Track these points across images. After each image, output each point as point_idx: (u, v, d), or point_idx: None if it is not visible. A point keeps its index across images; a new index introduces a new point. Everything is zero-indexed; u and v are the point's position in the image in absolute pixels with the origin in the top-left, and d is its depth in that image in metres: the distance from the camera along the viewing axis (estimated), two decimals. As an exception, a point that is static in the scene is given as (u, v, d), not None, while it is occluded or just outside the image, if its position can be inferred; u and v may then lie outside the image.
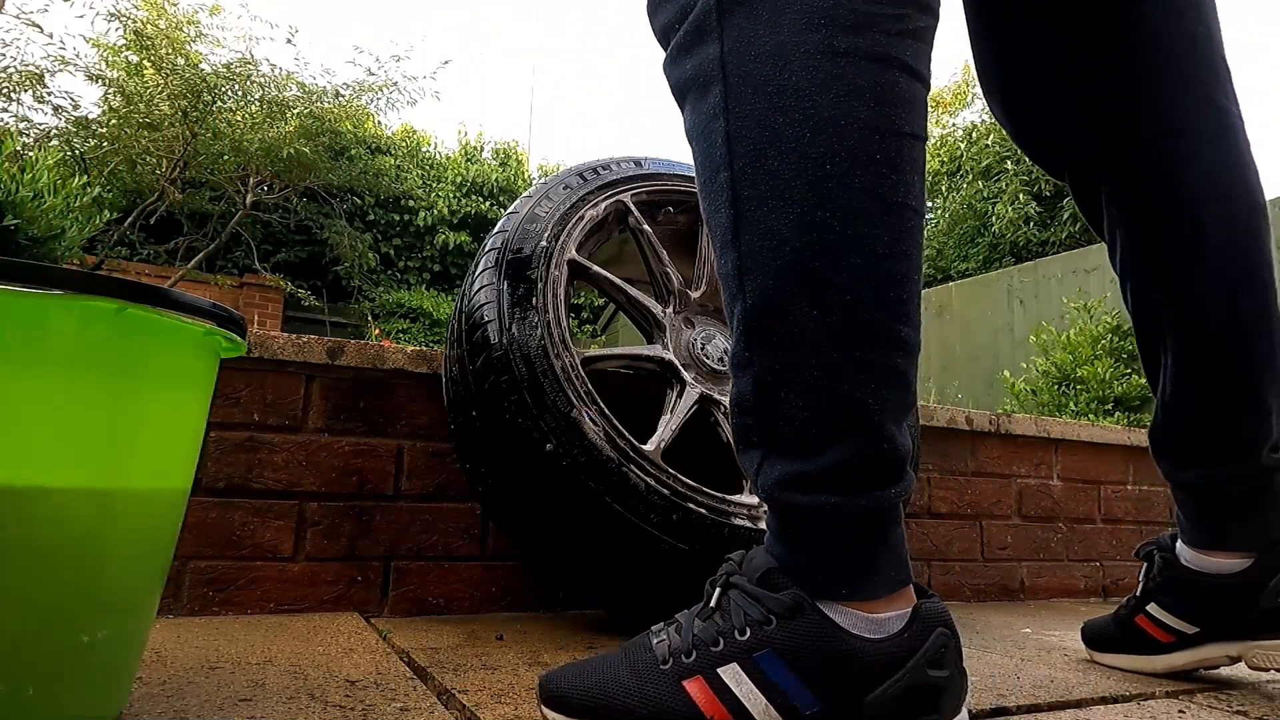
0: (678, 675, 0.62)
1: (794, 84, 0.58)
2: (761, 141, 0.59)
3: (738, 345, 0.63)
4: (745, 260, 0.60)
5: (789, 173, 0.58)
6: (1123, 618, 1.03)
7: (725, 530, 1.02)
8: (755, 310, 0.61)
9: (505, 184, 9.62)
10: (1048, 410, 4.22)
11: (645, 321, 1.23)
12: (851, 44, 0.58)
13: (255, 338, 1.17)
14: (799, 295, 0.59)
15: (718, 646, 0.62)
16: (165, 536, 0.64)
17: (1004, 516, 1.78)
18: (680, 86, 0.65)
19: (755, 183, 0.60)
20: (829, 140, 0.58)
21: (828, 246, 0.58)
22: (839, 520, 0.61)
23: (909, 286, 0.61)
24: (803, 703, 0.59)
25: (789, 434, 0.61)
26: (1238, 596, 0.91)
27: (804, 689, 0.59)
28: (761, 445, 0.63)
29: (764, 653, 0.60)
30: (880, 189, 0.59)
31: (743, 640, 0.61)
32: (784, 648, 0.60)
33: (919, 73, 0.62)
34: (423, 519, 1.25)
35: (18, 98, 6.05)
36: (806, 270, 0.58)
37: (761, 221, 0.59)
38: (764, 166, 0.59)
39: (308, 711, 0.68)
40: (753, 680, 0.60)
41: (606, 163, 1.28)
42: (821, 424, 0.60)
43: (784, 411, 0.61)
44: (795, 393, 0.60)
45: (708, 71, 0.61)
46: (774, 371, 0.60)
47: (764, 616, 0.61)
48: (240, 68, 6.52)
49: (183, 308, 0.59)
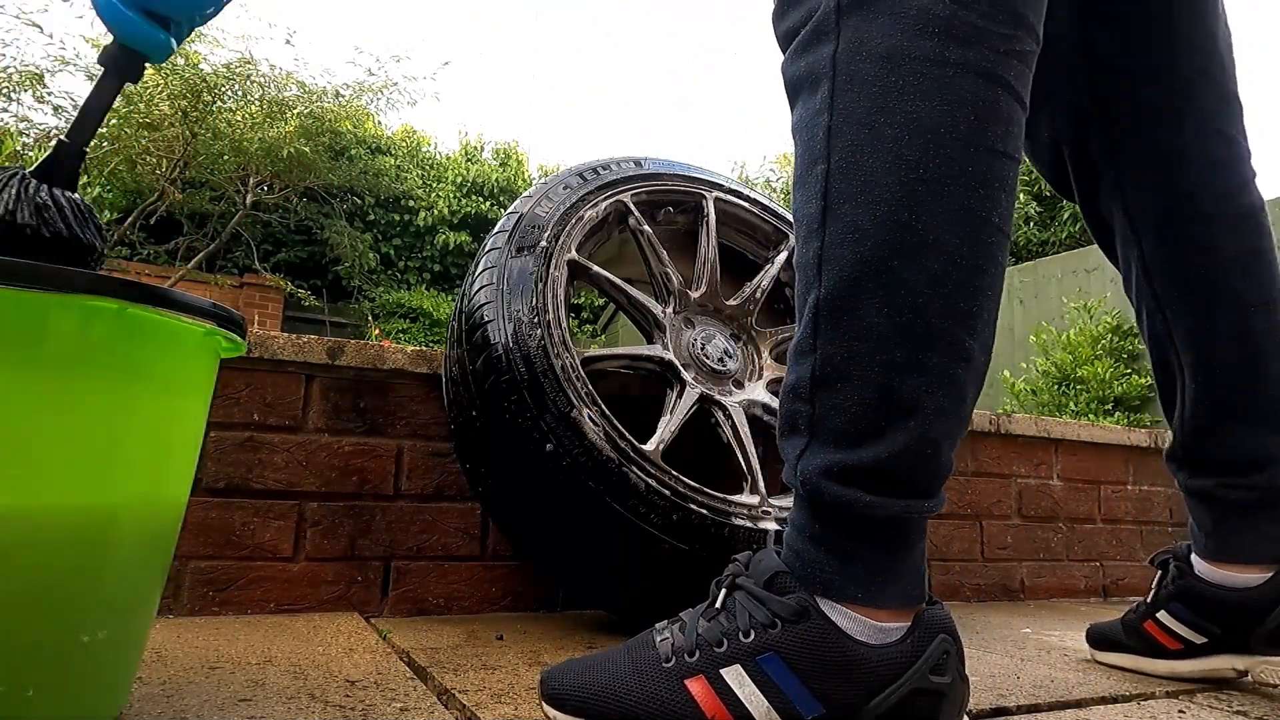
0: (680, 674, 0.63)
1: (900, 87, 0.59)
2: (860, 139, 0.60)
3: (804, 333, 0.64)
4: (827, 250, 0.61)
5: (882, 171, 0.59)
6: (1131, 622, 1.03)
7: (725, 530, 1.02)
8: (828, 299, 0.61)
9: (505, 184, 9.63)
10: (1048, 410, 4.22)
11: (645, 321, 1.23)
12: (962, 56, 0.59)
13: (255, 338, 1.17)
14: (873, 290, 0.60)
15: (722, 647, 0.62)
16: (165, 536, 0.64)
17: (1004, 516, 1.78)
18: (793, 84, 0.67)
19: (848, 177, 0.61)
20: (926, 146, 0.59)
21: (908, 247, 0.59)
22: (868, 519, 0.61)
23: (981, 301, 0.61)
24: (805, 708, 0.60)
25: (838, 425, 0.62)
26: (1250, 611, 0.91)
27: (806, 694, 0.59)
28: (808, 433, 0.63)
29: (768, 655, 0.61)
30: (968, 201, 0.60)
31: (747, 642, 0.61)
32: (788, 652, 0.60)
33: (1020, 95, 0.63)
34: (423, 519, 1.25)
35: (18, 98, 6.05)
36: (884, 267, 0.59)
37: (848, 215, 0.60)
38: (859, 163, 0.60)
39: (308, 711, 0.68)
40: (755, 683, 0.61)
41: (606, 163, 1.28)
42: (872, 418, 0.60)
43: (838, 401, 0.61)
44: (853, 385, 0.61)
45: (819, 69, 0.63)
46: (835, 361, 0.61)
47: (769, 619, 0.61)
48: (240, 67, 6.52)
49: (183, 308, 0.59)
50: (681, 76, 70.51)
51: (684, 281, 1.27)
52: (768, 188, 11.47)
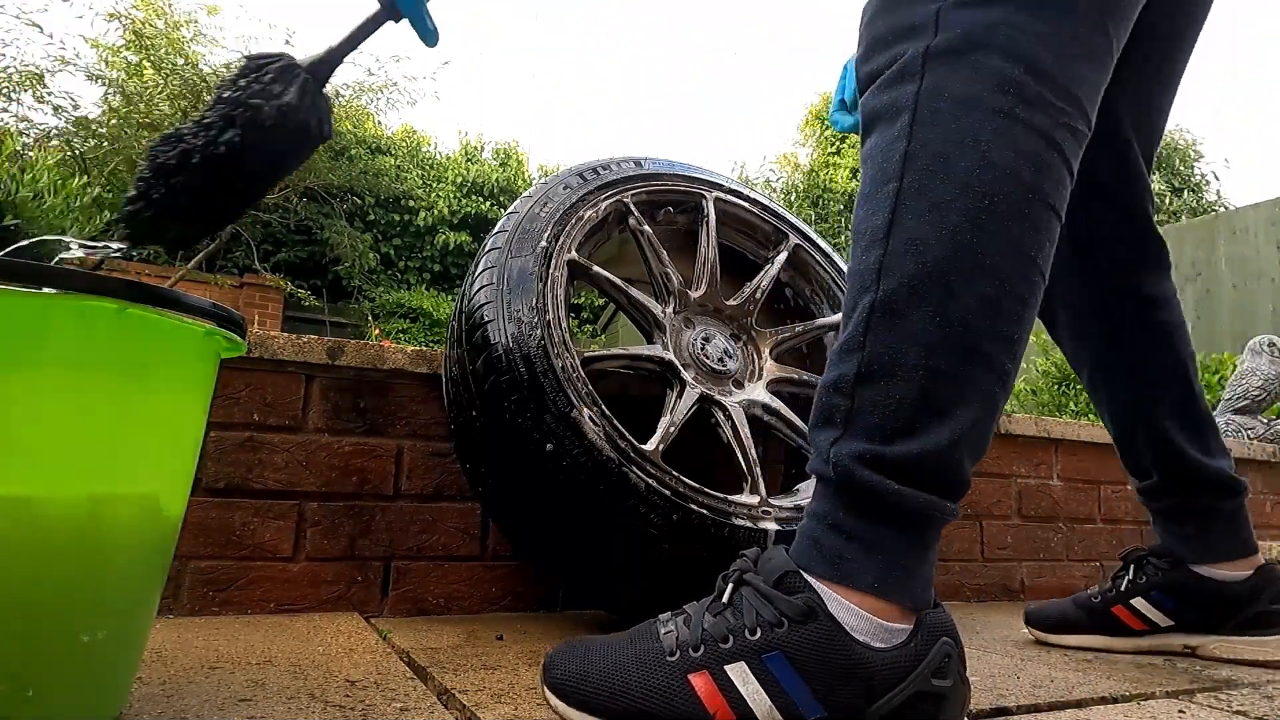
0: (684, 668, 0.63)
1: (974, 128, 0.66)
2: (934, 165, 0.67)
3: (852, 333, 0.68)
4: (889, 259, 0.66)
5: (950, 195, 0.65)
6: (1094, 606, 1.18)
7: (725, 530, 1.02)
8: (884, 302, 0.66)
9: (505, 184, 9.62)
10: (1048, 410, 4.22)
11: (645, 321, 1.22)
12: (1029, 115, 0.67)
13: (255, 338, 1.17)
14: (928, 299, 0.65)
15: (727, 643, 0.63)
16: (165, 537, 0.64)
17: (1004, 516, 1.78)
18: (872, 115, 0.73)
19: (918, 197, 0.66)
20: (994, 182, 0.65)
21: (966, 266, 0.65)
22: (895, 507, 0.64)
23: (1020, 330, 0.67)
24: (807, 709, 0.60)
25: (874, 420, 0.65)
26: (1230, 600, 1.10)
27: (809, 695, 0.60)
28: (843, 425, 0.67)
29: (773, 655, 0.61)
30: (1023, 240, 0.66)
31: (753, 640, 0.62)
32: (793, 652, 0.61)
33: (1070, 164, 0.70)
34: (423, 519, 1.25)
35: (18, 98, 6.05)
36: (941, 280, 0.64)
37: (914, 230, 0.66)
38: (929, 186, 0.66)
39: (308, 711, 0.68)
40: (759, 681, 0.61)
41: (606, 163, 1.28)
42: (908, 417, 0.64)
43: (878, 397, 0.65)
44: (895, 382, 0.65)
45: (901, 103, 0.69)
46: (882, 359, 0.65)
47: (776, 618, 0.62)
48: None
49: (183, 308, 0.59)
50: (681, 76, 70.52)
51: (684, 281, 1.27)
52: (768, 188, 11.48)
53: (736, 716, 0.61)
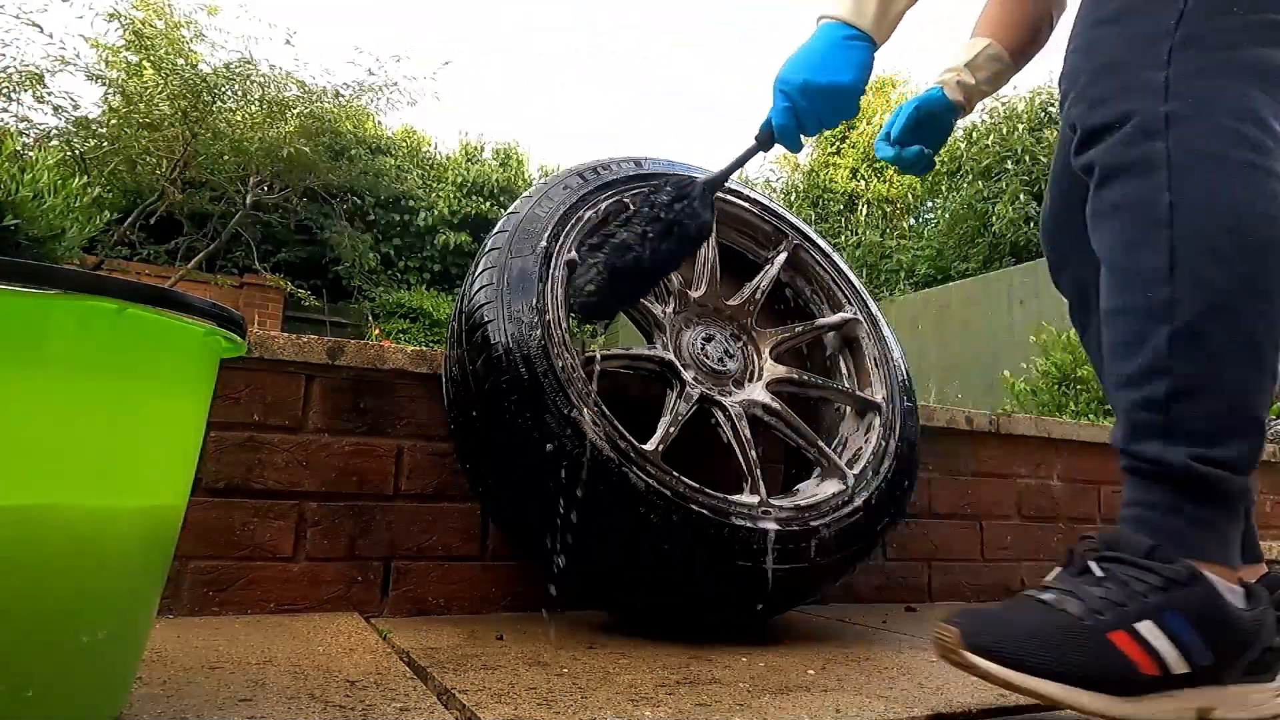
0: (1101, 629, 0.73)
1: (1226, 179, 0.79)
2: (1198, 212, 0.79)
3: (1153, 357, 0.79)
4: (1178, 294, 0.79)
5: (1221, 236, 0.78)
6: None
7: (725, 530, 1.02)
8: (1183, 331, 0.78)
9: (505, 184, 9.62)
10: (1048, 410, 4.22)
11: (645, 322, 1.23)
12: (1262, 163, 0.80)
13: (255, 338, 1.17)
14: (1220, 326, 0.78)
15: (1128, 606, 0.73)
16: (165, 536, 0.64)
17: (1004, 516, 1.78)
18: (1109, 167, 0.84)
19: (1191, 241, 0.79)
20: (1253, 219, 0.79)
21: (1245, 294, 0.78)
22: (1226, 493, 0.77)
23: None
24: (1200, 658, 0.72)
25: (1194, 428, 0.78)
26: None
27: (1202, 645, 0.72)
28: (1164, 436, 0.79)
29: (1171, 613, 0.73)
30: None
31: (1151, 602, 0.73)
32: (1186, 609, 0.73)
33: None
34: (423, 519, 1.25)
35: (18, 98, 6.05)
36: (1230, 309, 0.78)
37: (1197, 271, 0.79)
38: (1201, 229, 0.79)
39: (308, 711, 0.68)
40: (1165, 634, 0.72)
41: (606, 163, 1.28)
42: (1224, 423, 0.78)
43: (1194, 410, 0.78)
44: (1209, 396, 0.78)
45: (1154, 159, 0.81)
46: (1194, 378, 0.78)
47: (1163, 583, 0.74)
48: (240, 68, 6.51)
49: (183, 308, 0.59)
50: (681, 77, 70.58)
51: (684, 282, 1.27)
52: (767, 188, 11.47)
53: (1155, 664, 0.71)
